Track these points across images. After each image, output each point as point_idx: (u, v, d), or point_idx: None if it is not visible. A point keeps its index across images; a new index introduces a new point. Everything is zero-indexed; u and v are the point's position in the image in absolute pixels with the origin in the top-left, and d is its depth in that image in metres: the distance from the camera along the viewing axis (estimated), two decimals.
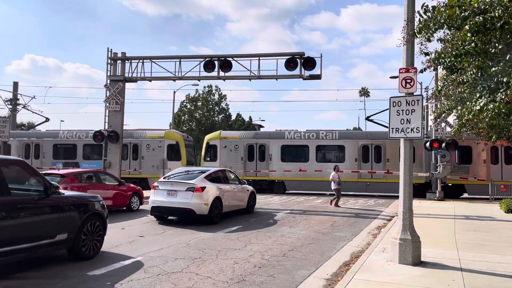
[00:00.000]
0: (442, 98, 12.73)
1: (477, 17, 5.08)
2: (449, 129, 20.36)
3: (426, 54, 6.89)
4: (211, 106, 56.00)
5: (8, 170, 6.37)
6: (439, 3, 5.95)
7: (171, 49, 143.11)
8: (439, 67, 7.01)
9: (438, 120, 20.23)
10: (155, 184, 12.41)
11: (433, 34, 5.89)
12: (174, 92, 41.61)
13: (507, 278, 6.22)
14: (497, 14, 4.98)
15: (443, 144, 19.79)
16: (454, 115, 12.39)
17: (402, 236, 7.02)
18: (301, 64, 16.83)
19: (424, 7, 5.71)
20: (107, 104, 18.27)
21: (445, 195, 20.95)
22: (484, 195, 21.10)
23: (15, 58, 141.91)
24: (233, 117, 60.30)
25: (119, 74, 18.50)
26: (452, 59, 5.98)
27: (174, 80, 19.01)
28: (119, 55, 18.72)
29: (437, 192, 20.66)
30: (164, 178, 12.78)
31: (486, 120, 11.36)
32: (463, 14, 5.27)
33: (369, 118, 24.40)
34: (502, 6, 5.00)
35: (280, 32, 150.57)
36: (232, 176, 14.51)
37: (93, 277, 6.20)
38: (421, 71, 7.31)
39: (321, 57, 16.92)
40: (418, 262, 6.98)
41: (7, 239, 5.79)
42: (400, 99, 7.21)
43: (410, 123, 7.06)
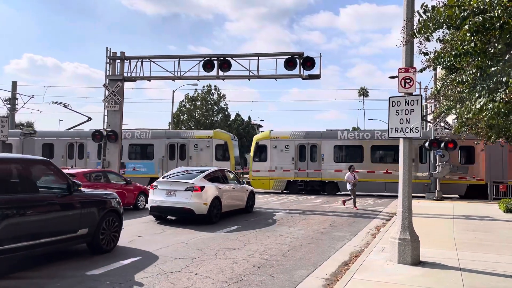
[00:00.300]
0: (441, 98, 12.71)
1: (477, 17, 5.08)
2: (448, 130, 20.39)
3: (425, 54, 6.88)
4: (210, 106, 55.97)
5: (35, 169, 6.88)
6: (439, 3, 5.94)
7: (170, 49, 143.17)
8: (438, 67, 7.00)
9: (437, 120, 20.26)
10: (154, 184, 12.39)
11: (432, 34, 5.89)
12: (173, 92, 41.66)
13: (506, 278, 6.23)
14: (497, 14, 4.97)
15: (442, 144, 19.83)
16: (453, 115, 12.38)
17: (401, 236, 7.03)
18: (300, 64, 16.82)
19: (424, 7, 5.70)
20: (106, 104, 18.25)
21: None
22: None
23: (14, 58, 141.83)
24: (232, 117, 60.32)
25: (118, 74, 18.46)
26: (452, 59, 5.97)
27: (173, 80, 19.00)
28: (118, 55, 18.69)
29: (436, 192, 20.69)
30: (163, 178, 12.77)
31: (485, 120, 11.35)
32: (463, 14, 5.27)
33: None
34: (502, 6, 4.99)
35: (279, 32, 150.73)
36: (231, 176, 14.50)
37: (92, 277, 6.19)
38: (421, 71, 7.31)
39: (320, 57, 16.94)
40: (417, 262, 6.98)
41: (36, 233, 6.24)
42: (399, 99, 7.22)
43: (410, 123, 7.07)
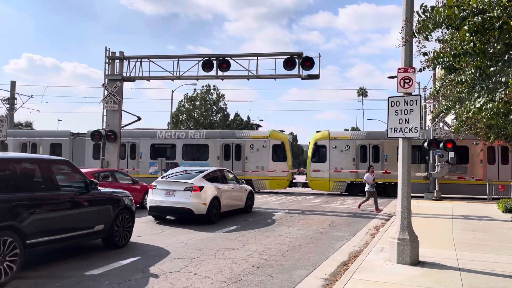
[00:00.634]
0: (440, 98, 12.73)
1: (476, 17, 5.08)
2: (447, 128, 20.39)
3: (425, 54, 6.89)
4: (209, 106, 56.02)
5: (56, 169, 7.21)
6: (438, 3, 5.95)
7: (169, 48, 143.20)
8: (438, 67, 7.01)
9: (436, 120, 20.27)
10: (153, 184, 12.38)
11: (431, 34, 5.90)
12: (172, 92, 41.44)
13: (505, 278, 6.23)
14: (496, 14, 4.98)
15: (441, 144, 19.84)
16: (452, 115, 12.40)
17: (400, 236, 7.02)
18: (300, 64, 16.84)
19: (423, 7, 5.71)
20: (105, 104, 18.24)
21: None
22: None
23: (13, 57, 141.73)
24: (231, 117, 60.35)
25: (117, 74, 18.46)
26: (451, 59, 5.98)
27: (172, 80, 19.00)
28: (117, 54, 18.68)
29: (435, 192, 20.71)
30: (162, 178, 12.77)
31: (484, 121, 11.37)
32: (462, 14, 5.27)
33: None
34: (501, 6, 5.00)
35: (278, 32, 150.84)
36: (231, 176, 14.49)
37: (91, 277, 6.18)
38: (420, 71, 7.32)
39: (320, 57, 16.97)
40: (416, 262, 6.98)
41: (58, 229, 6.59)
42: (399, 99, 7.22)
43: (409, 123, 7.08)
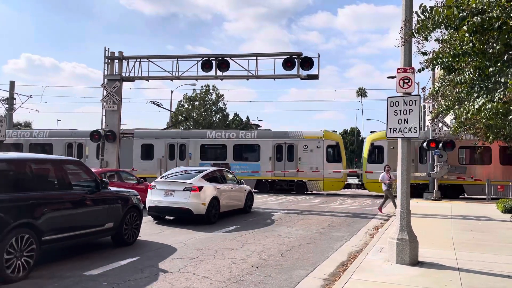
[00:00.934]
0: (440, 98, 12.73)
1: (475, 18, 5.09)
2: (446, 129, 20.39)
3: (424, 54, 6.89)
4: (209, 106, 55.94)
5: (69, 168, 7.46)
6: (437, 3, 5.95)
7: (168, 49, 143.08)
8: (437, 67, 7.02)
9: (436, 120, 20.28)
10: (153, 184, 12.37)
11: (431, 34, 5.90)
12: (172, 92, 41.44)
13: (504, 278, 6.24)
14: (495, 15, 4.98)
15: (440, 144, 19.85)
16: (451, 115, 12.40)
17: (400, 236, 7.03)
18: (299, 64, 16.85)
19: (422, 7, 5.71)
20: (104, 104, 18.23)
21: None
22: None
23: (12, 57, 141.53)
24: (231, 117, 60.32)
25: (116, 74, 18.45)
26: (450, 59, 5.99)
27: (172, 80, 19.01)
28: (116, 54, 18.67)
29: (434, 192, 20.72)
30: (161, 178, 12.75)
31: (483, 121, 11.37)
32: (461, 15, 5.28)
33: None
34: (500, 7, 5.01)
35: (278, 32, 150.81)
36: (230, 176, 14.48)
37: (90, 277, 6.17)
38: (419, 71, 7.32)
39: (319, 57, 16.99)
40: (416, 262, 6.99)
41: (70, 226, 6.88)
42: (398, 99, 7.22)
43: (408, 123, 7.08)
